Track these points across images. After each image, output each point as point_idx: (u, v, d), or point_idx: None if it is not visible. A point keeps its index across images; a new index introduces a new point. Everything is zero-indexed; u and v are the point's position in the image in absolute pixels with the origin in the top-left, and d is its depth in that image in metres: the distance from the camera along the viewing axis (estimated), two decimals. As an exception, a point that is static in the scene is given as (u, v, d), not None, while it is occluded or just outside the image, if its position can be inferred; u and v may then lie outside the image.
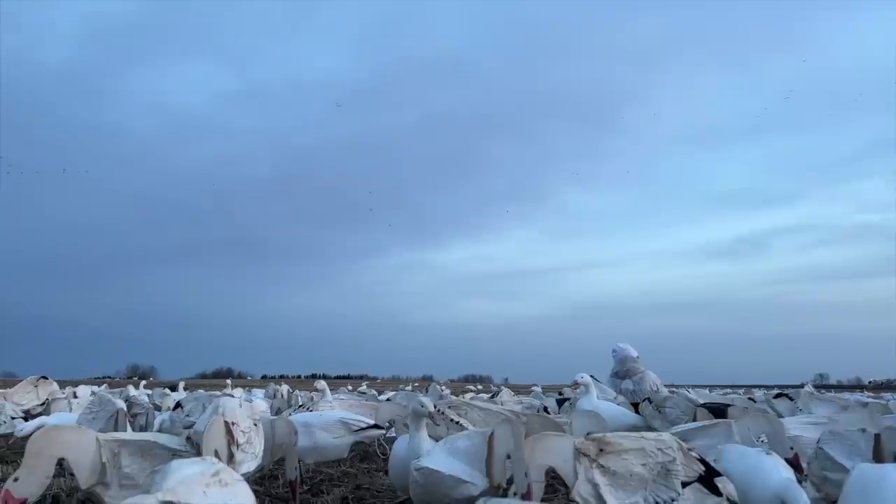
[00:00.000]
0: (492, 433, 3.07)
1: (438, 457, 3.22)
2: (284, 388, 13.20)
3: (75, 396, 8.94)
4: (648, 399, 6.01)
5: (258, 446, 3.67)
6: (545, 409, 7.67)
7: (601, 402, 6.13)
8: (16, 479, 2.61)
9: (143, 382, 17.59)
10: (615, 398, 7.17)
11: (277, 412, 7.97)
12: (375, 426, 5.52)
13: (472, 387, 27.38)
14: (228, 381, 17.82)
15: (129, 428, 5.38)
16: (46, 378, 9.00)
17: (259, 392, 13.78)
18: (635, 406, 6.59)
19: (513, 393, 11.97)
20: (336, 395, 8.99)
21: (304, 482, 5.08)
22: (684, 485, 3.02)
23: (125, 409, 5.03)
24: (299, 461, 4.06)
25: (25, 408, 8.27)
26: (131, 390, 10.58)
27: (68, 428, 3.27)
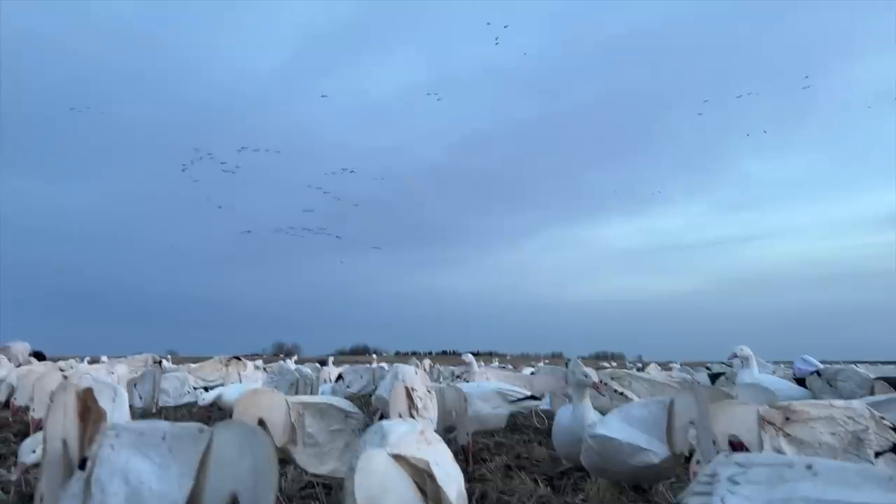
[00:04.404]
0: (671, 401, 3.06)
1: (614, 425, 3.26)
2: (426, 361, 13.65)
3: (244, 369, 9.76)
4: (818, 372, 5.70)
5: (433, 412, 3.88)
6: (697, 383, 7.47)
7: (763, 376, 5.90)
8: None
9: (294, 358, 18.80)
10: (773, 372, 6.87)
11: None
12: (532, 397, 5.62)
13: (606, 364, 26.85)
14: (374, 356, 18.63)
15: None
16: (239, 358, 9.81)
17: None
18: (799, 381, 6.28)
19: (659, 368, 11.67)
20: (481, 369, 9.20)
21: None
22: (877, 454, 2.90)
23: (307, 377, 5.44)
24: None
25: (212, 384, 9.10)
26: (290, 365, 11.36)
27: (265, 391, 3.63)
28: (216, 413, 7.70)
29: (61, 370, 7.90)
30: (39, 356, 13.15)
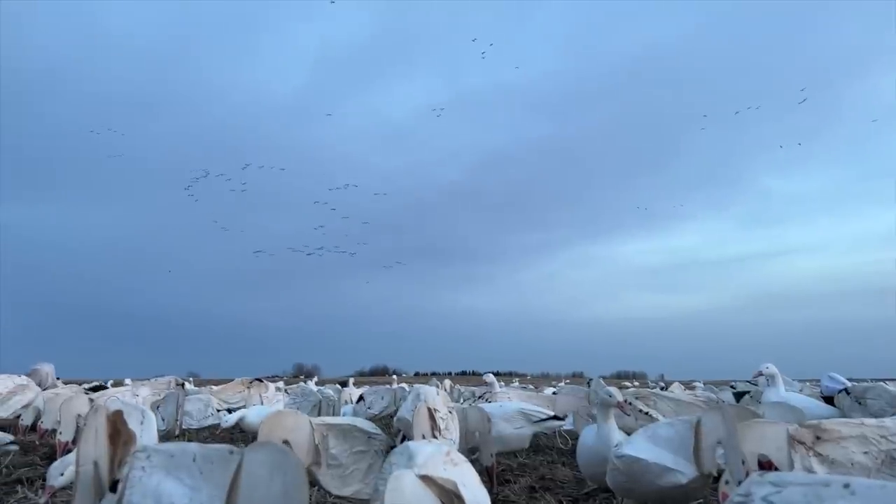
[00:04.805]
0: (698, 421, 3.02)
1: (640, 445, 3.22)
2: (447, 382, 13.61)
3: (266, 391, 9.81)
4: (846, 390, 5.59)
5: (455, 433, 3.86)
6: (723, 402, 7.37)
7: (790, 394, 5.81)
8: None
9: (315, 379, 18.84)
10: (800, 390, 6.77)
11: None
12: (555, 417, 5.58)
13: (628, 383, 26.55)
14: (394, 377, 18.60)
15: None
16: (261, 381, 9.89)
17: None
18: (826, 399, 6.17)
19: (683, 387, 11.54)
20: (502, 389, 9.17)
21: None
22: (912, 475, 2.84)
23: (329, 398, 5.47)
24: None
25: (234, 406, 9.15)
26: (312, 386, 11.40)
27: (290, 413, 3.64)
28: (238, 435, 7.71)
29: (87, 393, 7.98)
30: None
